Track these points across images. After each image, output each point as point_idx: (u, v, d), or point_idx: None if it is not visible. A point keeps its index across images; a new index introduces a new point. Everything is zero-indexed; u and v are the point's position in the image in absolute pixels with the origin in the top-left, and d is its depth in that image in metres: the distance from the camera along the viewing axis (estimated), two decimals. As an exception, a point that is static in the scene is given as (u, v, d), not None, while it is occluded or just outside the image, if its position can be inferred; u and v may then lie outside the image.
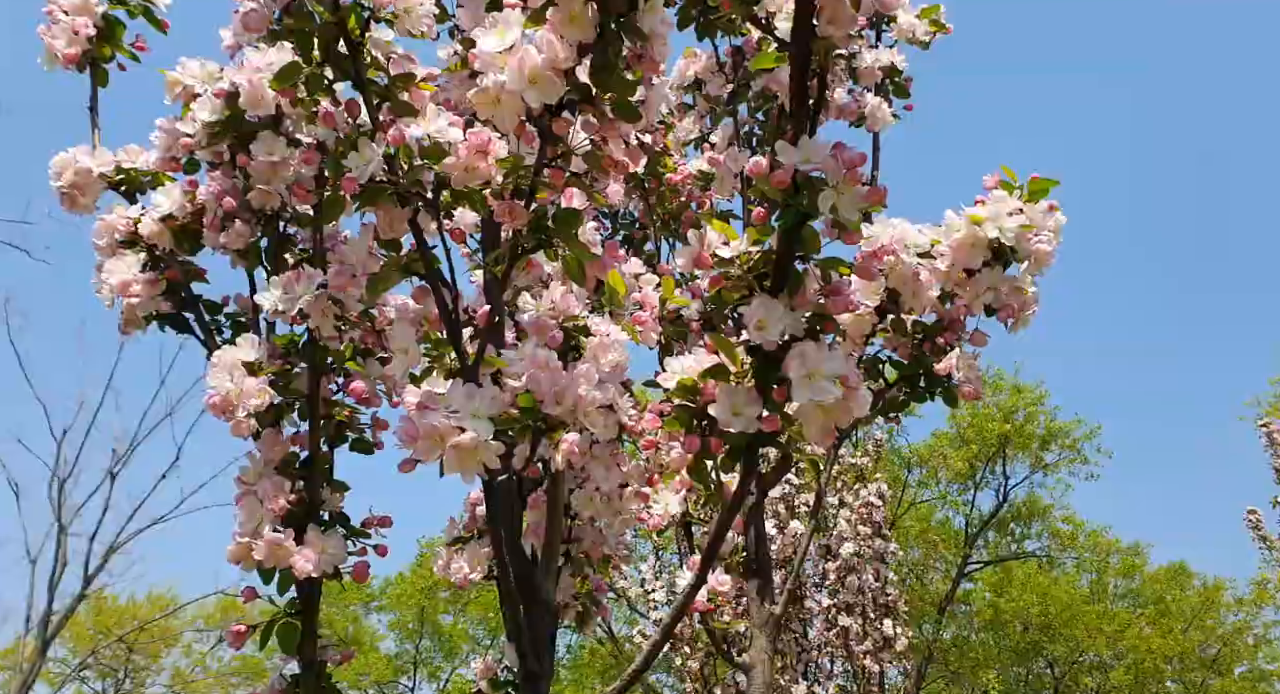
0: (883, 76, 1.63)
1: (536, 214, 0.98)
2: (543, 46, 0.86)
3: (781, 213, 0.86)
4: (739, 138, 1.75)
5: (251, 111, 1.22)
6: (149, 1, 1.63)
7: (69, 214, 1.39)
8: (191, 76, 1.34)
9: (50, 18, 1.53)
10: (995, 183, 1.20)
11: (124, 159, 1.41)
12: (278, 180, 1.24)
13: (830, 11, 0.83)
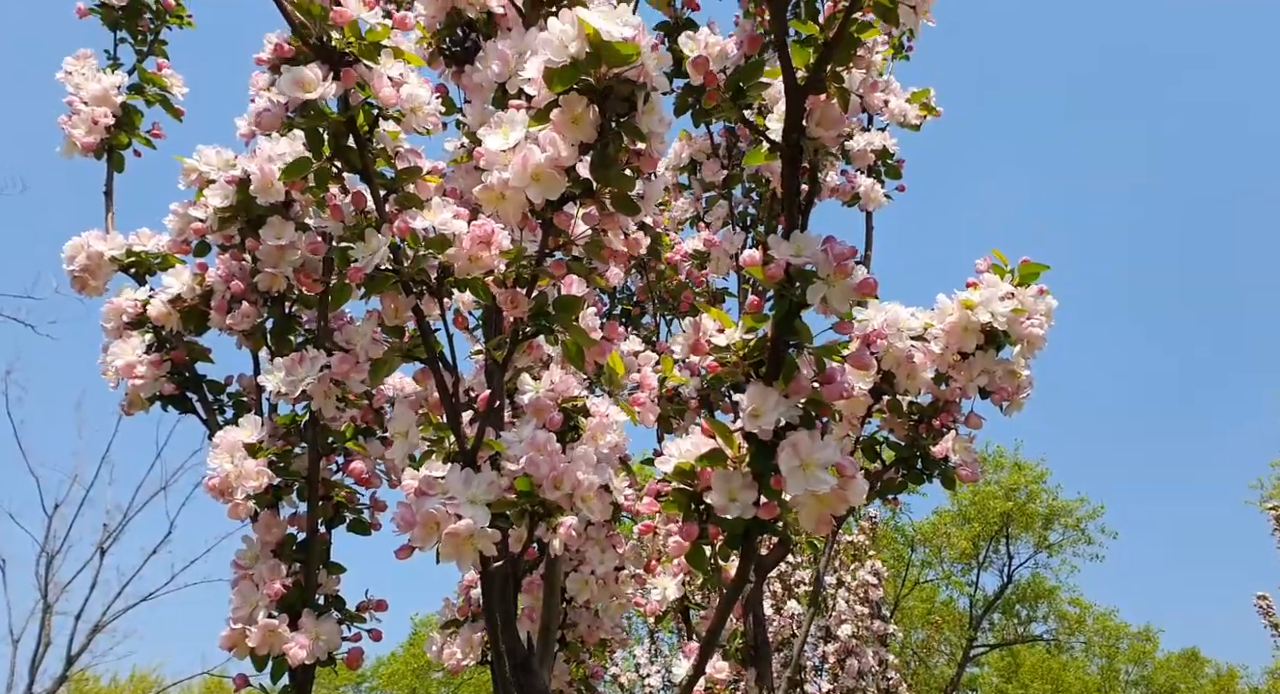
0: (875, 158, 1.68)
1: (537, 301, 1.00)
2: (546, 146, 0.90)
3: (775, 302, 0.88)
4: (733, 218, 1.80)
5: (262, 197, 1.26)
6: (166, 91, 1.70)
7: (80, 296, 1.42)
8: (207, 164, 1.39)
9: (71, 108, 1.59)
10: (987, 266, 1.23)
11: (135, 242, 1.45)
12: (285, 263, 1.27)
13: (820, 114, 0.88)
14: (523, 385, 1.22)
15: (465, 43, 1.35)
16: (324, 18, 0.98)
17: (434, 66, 1.38)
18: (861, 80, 0.89)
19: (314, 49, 0.99)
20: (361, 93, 1.01)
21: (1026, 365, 1.17)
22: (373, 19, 1.00)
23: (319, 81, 0.96)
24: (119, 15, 1.68)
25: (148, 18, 1.70)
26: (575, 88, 0.90)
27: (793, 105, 0.88)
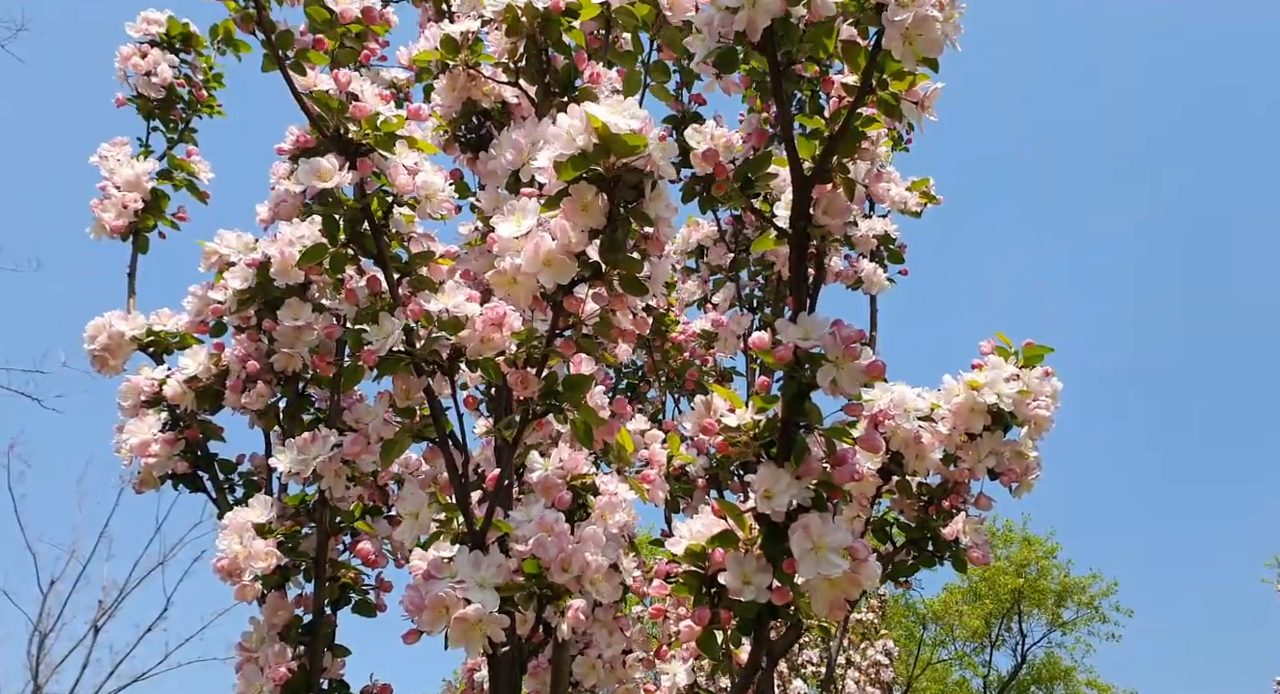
0: (877, 243, 1.72)
1: (547, 380, 1.01)
2: (557, 232, 0.93)
3: (784, 384, 0.89)
4: (740, 299, 1.83)
5: (281, 280, 1.29)
6: (193, 176, 1.76)
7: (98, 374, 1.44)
8: (228, 247, 1.42)
9: (103, 192, 1.64)
10: (991, 348, 1.24)
11: (155, 322, 1.48)
12: (301, 344, 1.29)
13: (826, 203, 0.90)
14: (531, 463, 1.22)
15: (480, 130, 1.41)
16: (342, 111, 1.02)
17: (449, 152, 1.43)
18: (866, 171, 0.92)
19: (331, 140, 1.03)
20: (377, 181, 1.05)
21: (1034, 447, 1.17)
22: (388, 111, 1.04)
23: (336, 171, 0.99)
24: (154, 105, 1.74)
25: (180, 107, 1.76)
26: (585, 176, 0.94)
27: (800, 195, 0.90)
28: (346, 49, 1.06)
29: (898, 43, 0.79)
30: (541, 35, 1.24)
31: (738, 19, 0.83)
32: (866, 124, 0.90)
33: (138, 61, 1.67)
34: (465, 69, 1.29)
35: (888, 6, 0.79)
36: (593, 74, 1.26)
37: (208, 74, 1.76)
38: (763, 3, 0.82)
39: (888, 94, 0.88)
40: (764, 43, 0.87)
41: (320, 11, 1.01)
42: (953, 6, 0.80)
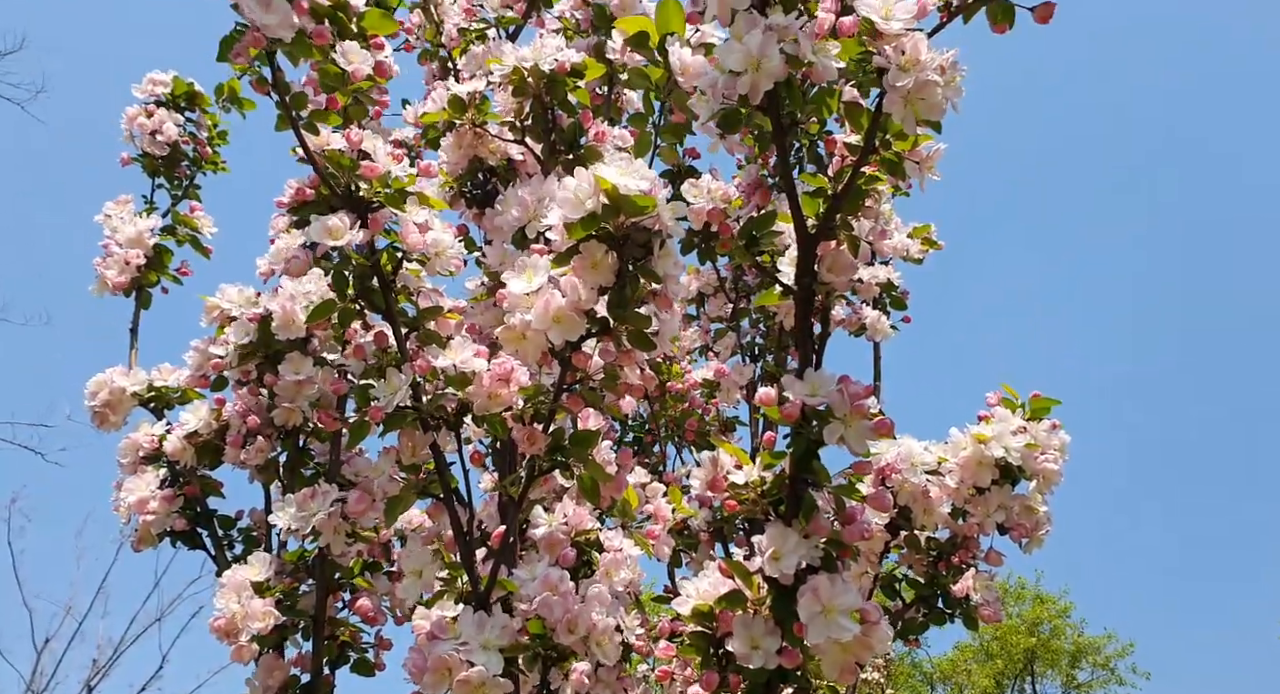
0: (880, 291, 1.73)
1: (554, 436, 1.01)
2: (567, 290, 0.94)
3: (792, 441, 0.89)
4: (741, 348, 1.83)
5: (283, 334, 1.29)
6: (196, 231, 1.77)
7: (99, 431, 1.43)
8: (229, 301, 1.42)
9: (106, 250, 1.65)
10: (997, 400, 1.24)
11: (156, 378, 1.48)
12: (302, 398, 1.29)
13: (831, 260, 0.91)
14: (536, 518, 1.21)
15: (486, 186, 1.42)
16: (353, 169, 1.04)
17: (455, 208, 1.45)
18: (870, 228, 0.93)
19: (343, 198, 1.04)
20: (387, 237, 1.06)
21: (1044, 501, 1.16)
22: (399, 169, 1.05)
23: (347, 229, 1.00)
24: (159, 163, 1.75)
25: (185, 164, 1.77)
26: (595, 235, 0.94)
27: (804, 252, 0.91)
28: (358, 106, 1.07)
29: (899, 106, 0.80)
30: (547, 95, 1.27)
31: (741, 82, 0.85)
32: (870, 183, 0.91)
33: (143, 121, 1.69)
34: (472, 127, 1.31)
35: (889, 71, 0.81)
36: (598, 133, 1.28)
37: (212, 131, 1.77)
38: (766, 67, 0.83)
39: (891, 154, 0.89)
40: (767, 104, 0.88)
41: (332, 69, 1.03)
42: (954, 71, 0.81)
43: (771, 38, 0.83)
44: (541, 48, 1.24)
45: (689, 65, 0.95)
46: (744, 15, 0.85)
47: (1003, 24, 0.85)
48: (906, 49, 0.80)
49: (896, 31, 0.80)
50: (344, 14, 1.02)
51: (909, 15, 0.81)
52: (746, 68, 0.84)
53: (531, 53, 1.23)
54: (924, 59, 0.79)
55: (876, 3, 0.81)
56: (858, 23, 0.84)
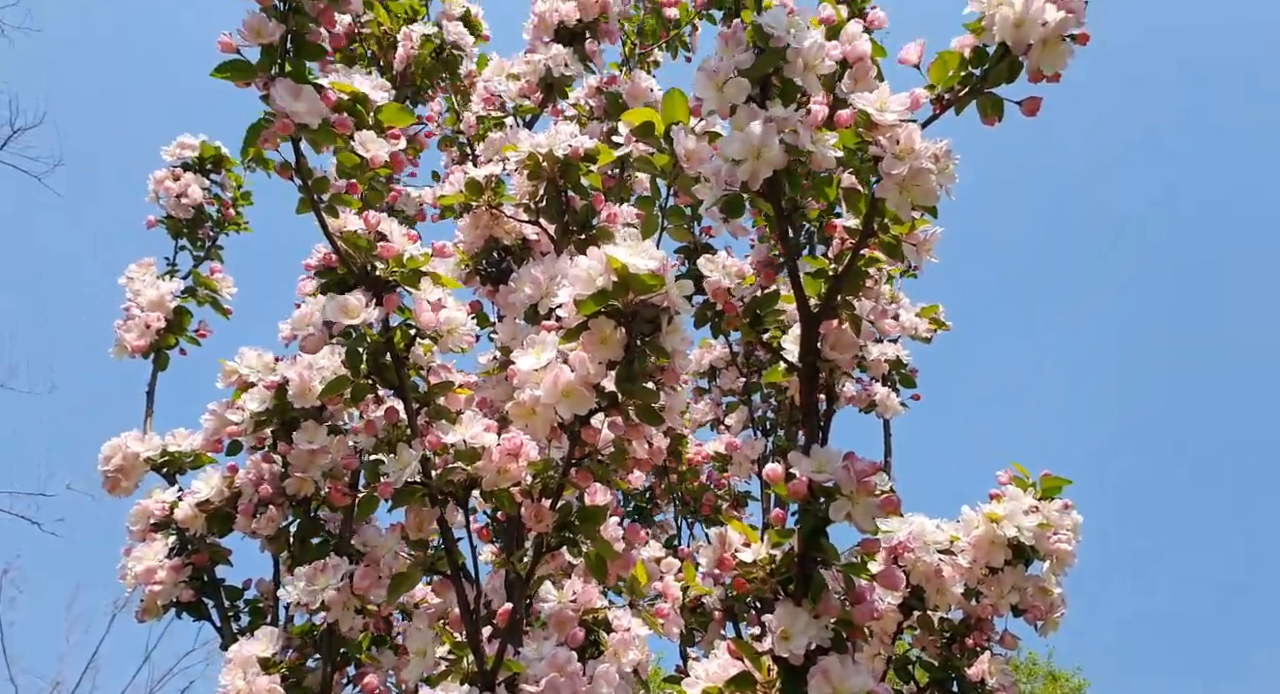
0: (889, 368, 1.74)
1: (561, 512, 1.01)
2: (576, 365, 0.96)
3: (800, 518, 0.89)
4: (753, 422, 1.83)
5: (299, 402, 1.31)
6: (216, 292, 1.81)
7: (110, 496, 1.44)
8: (248, 366, 1.44)
9: (127, 313, 1.69)
10: (1008, 479, 1.23)
11: (170, 442, 1.49)
12: (315, 468, 1.30)
13: (834, 339, 0.93)
14: (544, 594, 1.20)
15: (500, 264, 1.46)
16: (370, 249, 1.08)
17: (470, 284, 1.49)
18: (872, 308, 0.95)
19: (359, 276, 1.08)
20: (400, 315, 1.09)
21: (1058, 583, 1.14)
22: (414, 249, 1.09)
23: (362, 308, 1.03)
24: (183, 225, 1.78)
25: (208, 225, 1.79)
26: (604, 311, 0.97)
27: (807, 330, 0.93)
28: (374, 192, 1.12)
29: (894, 193, 0.84)
30: (561, 179, 1.32)
31: (741, 170, 0.88)
32: (869, 264, 0.94)
33: (170, 184, 1.72)
34: (488, 209, 1.36)
35: (884, 159, 0.84)
36: (610, 214, 1.32)
37: (236, 192, 1.80)
38: (766, 156, 0.87)
39: (889, 237, 0.92)
40: (768, 190, 0.92)
41: (351, 158, 1.08)
42: (947, 158, 0.85)
43: (771, 129, 0.87)
44: (556, 134, 1.30)
45: (693, 152, 1.00)
46: (744, 108, 0.89)
47: (992, 116, 0.89)
48: (901, 139, 0.83)
49: (891, 122, 0.84)
50: (363, 106, 1.08)
51: (903, 108, 0.84)
52: (747, 157, 0.88)
53: (547, 139, 1.29)
54: (918, 148, 0.83)
55: (872, 96, 0.85)
56: (855, 115, 0.88)
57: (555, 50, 1.59)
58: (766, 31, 0.90)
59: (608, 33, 1.68)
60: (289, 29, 0.93)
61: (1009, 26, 0.82)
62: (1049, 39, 0.81)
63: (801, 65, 0.90)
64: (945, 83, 0.88)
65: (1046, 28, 0.80)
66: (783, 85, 0.93)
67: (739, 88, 0.89)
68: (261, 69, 0.93)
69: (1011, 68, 0.86)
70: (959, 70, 0.89)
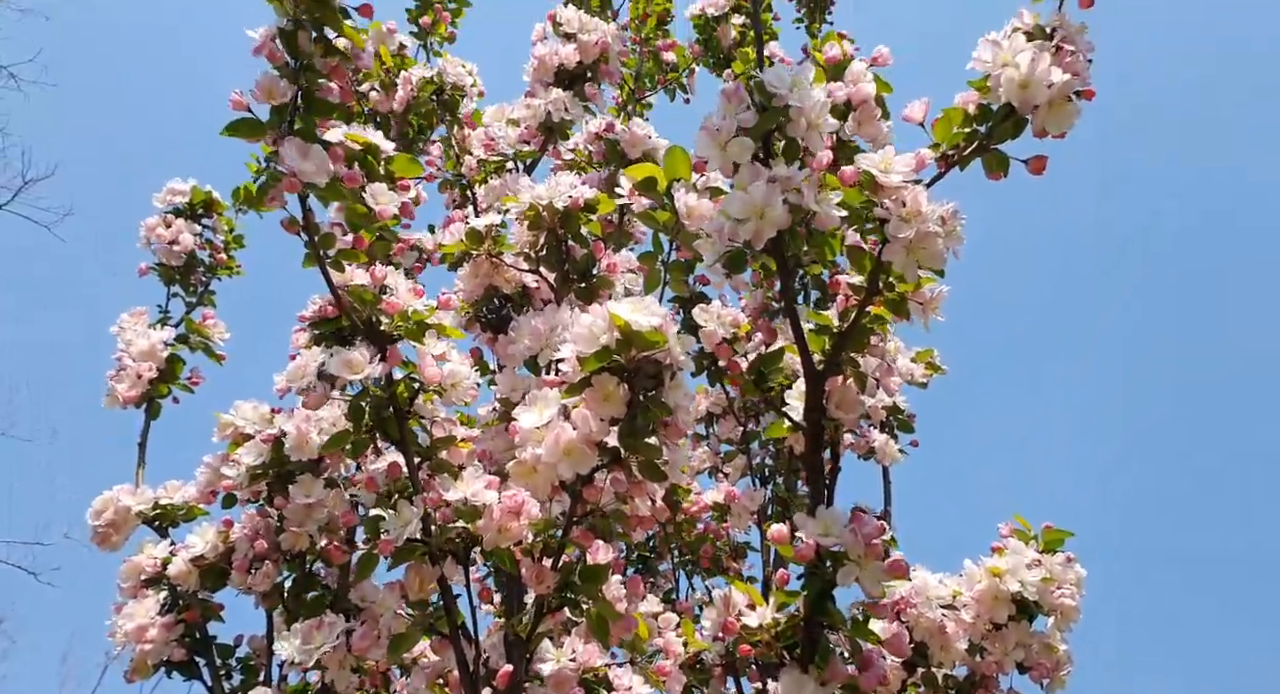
0: (886, 414, 1.73)
1: (563, 571, 1.00)
2: (578, 422, 0.95)
3: (806, 582, 0.88)
4: (751, 470, 1.82)
5: (296, 455, 1.29)
6: (209, 339, 1.79)
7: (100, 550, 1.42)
8: (243, 419, 1.43)
9: (119, 363, 1.67)
10: (1010, 531, 1.22)
11: (163, 495, 1.47)
12: (311, 522, 1.28)
13: (839, 396, 0.93)
14: (542, 653, 1.18)
15: (500, 311, 1.46)
16: (375, 303, 1.07)
17: (470, 331, 1.48)
18: (877, 365, 0.95)
19: (363, 330, 1.07)
20: (404, 369, 1.08)
21: (1063, 639, 1.13)
22: (419, 303, 1.09)
23: (366, 363, 1.02)
24: (175, 271, 1.77)
25: (200, 270, 1.78)
26: (607, 367, 0.96)
27: (812, 388, 0.93)
28: (381, 242, 1.12)
29: (900, 256, 0.84)
30: (561, 228, 1.32)
31: (744, 229, 0.88)
32: (874, 322, 0.94)
33: (161, 231, 1.72)
34: (488, 258, 1.36)
35: (890, 221, 0.84)
36: (609, 264, 1.32)
37: (228, 236, 1.79)
38: (770, 216, 0.87)
39: (895, 295, 0.92)
40: (771, 247, 0.92)
41: (360, 209, 1.08)
42: (954, 220, 0.85)
43: (775, 189, 0.87)
44: (556, 185, 1.30)
45: (695, 208, 1.00)
46: (747, 167, 0.90)
47: (997, 173, 0.90)
48: (907, 201, 0.84)
49: (896, 184, 0.85)
50: (373, 157, 1.08)
51: (908, 168, 0.85)
52: (751, 216, 0.88)
53: (547, 190, 1.29)
54: (924, 211, 0.83)
55: (876, 157, 0.86)
56: (859, 173, 0.88)
57: (555, 94, 1.60)
58: (769, 90, 0.91)
59: (608, 74, 1.69)
60: (300, 87, 0.94)
61: (1015, 87, 0.83)
62: (1055, 100, 0.82)
63: (805, 124, 0.91)
64: (950, 140, 0.89)
65: (1053, 89, 0.81)
66: (786, 141, 0.94)
67: (742, 147, 0.90)
68: (271, 127, 0.94)
69: (1016, 125, 0.87)
70: (963, 127, 0.90)
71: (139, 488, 1.48)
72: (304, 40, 0.94)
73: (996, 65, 0.83)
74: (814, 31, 2.50)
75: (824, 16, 2.47)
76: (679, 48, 2.18)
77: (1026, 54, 0.81)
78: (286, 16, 0.94)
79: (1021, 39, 0.82)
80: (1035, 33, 0.83)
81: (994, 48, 0.82)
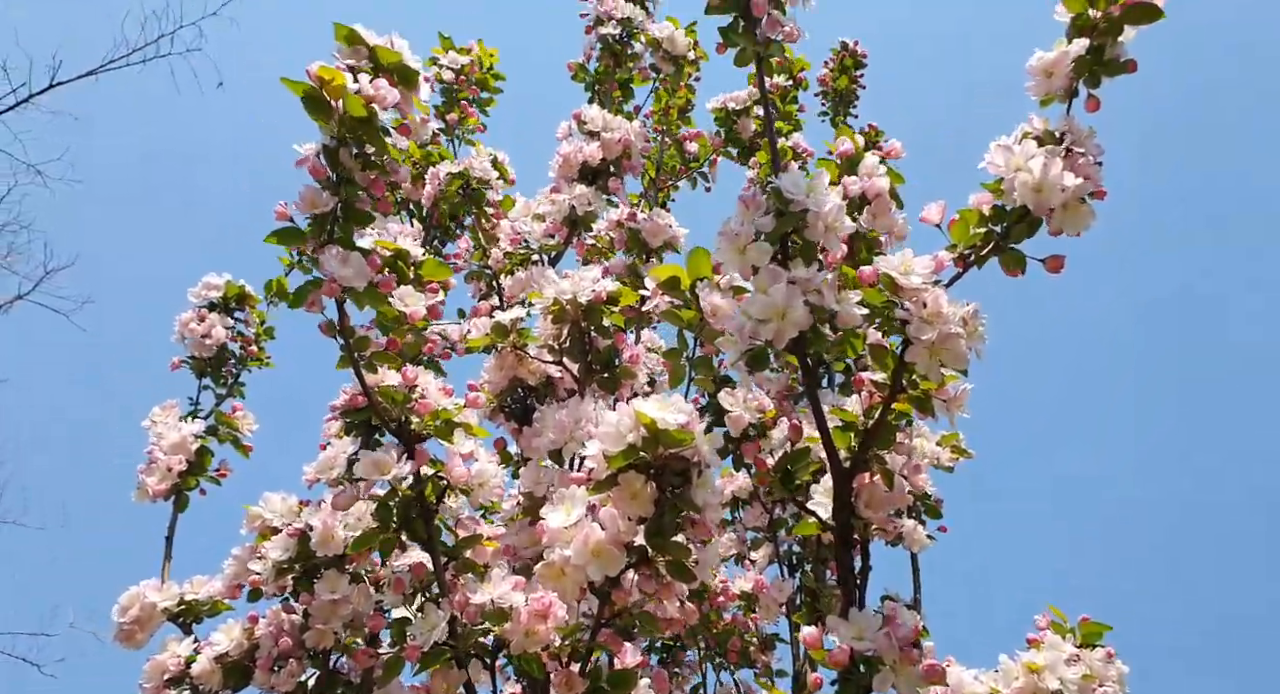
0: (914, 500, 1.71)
1: (591, 676, 0.98)
2: (606, 522, 0.95)
3: (841, 688, 0.86)
4: (779, 557, 1.79)
5: (322, 550, 1.30)
6: (237, 430, 1.81)
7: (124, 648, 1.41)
8: (272, 511, 1.44)
9: (150, 457, 1.69)
10: (1046, 624, 1.19)
11: (188, 590, 1.47)
12: (336, 619, 1.27)
13: (868, 495, 0.92)
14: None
15: (525, 400, 1.48)
16: (405, 403, 1.09)
17: (494, 421, 1.49)
18: (904, 463, 0.95)
19: (393, 429, 1.09)
20: (431, 467, 1.09)
21: (1110, 741, 1.09)
22: (448, 402, 1.10)
23: (394, 463, 1.04)
24: (207, 365, 1.81)
25: (231, 362, 1.81)
26: (633, 465, 0.97)
27: (840, 487, 0.93)
28: (412, 343, 1.14)
29: (923, 357, 0.85)
30: (584, 321, 1.34)
31: (766, 329, 0.90)
32: (899, 419, 0.94)
33: (195, 326, 1.76)
34: (513, 350, 1.38)
35: (911, 323, 0.86)
36: (632, 355, 1.34)
37: (259, 328, 1.83)
38: (791, 317, 0.89)
39: (919, 393, 0.92)
40: (793, 346, 0.93)
41: (391, 311, 1.11)
42: (975, 320, 0.86)
43: (795, 290, 0.89)
44: (580, 280, 1.33)
45: (718, 307, 1.02)
46: (767, 270, 0.92)
47: (1015, 271, 0.91)
48: (928, 303, 0.85)
49: (916, 286, 0.86)
50: (404, 262, 1.12)
51: (927, 270, 0.87)
52: (772, 317, 0.90)
53: (571, 285, 1.32)
54: (945, 312, 0.84)
55: (896, 259, 0.88)
56: (878, 273, 0.90)
57: (579, 190, 1.65)
58: (786, 195, 0.94)
59: (630, 168, 1.75)
60: (340, 199, 0.98)
61: (1029, 191, 0.85)
62: (1069, 202, 0.84)
63: (822, 227, 0.93)
64: (967, 241, 0.91)
65: (1066, 192, 0.83)
66: (803, 243, 0.96)
67: (760, 251, 0.92)
68: (312, 235, 0.98)
69: (1032, 225, 0.89)
70: (979, 227, 0.91)
71: (165, 583, 1.48)
72: (345, 156, 0.99)
73: (1009, 169, 0.85)
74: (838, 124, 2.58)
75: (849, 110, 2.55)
76: (702, 138, 2.24)
77: (1038, 159, 0.83)
78: (331, 134, 0.99)
79: (1032, 144, 0.84)
80: (1045, 137, 0.86)
81: (1006, 152, 0.85)
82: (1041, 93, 0.86)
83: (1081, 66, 0.83)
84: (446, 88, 2.08)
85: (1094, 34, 0.82)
